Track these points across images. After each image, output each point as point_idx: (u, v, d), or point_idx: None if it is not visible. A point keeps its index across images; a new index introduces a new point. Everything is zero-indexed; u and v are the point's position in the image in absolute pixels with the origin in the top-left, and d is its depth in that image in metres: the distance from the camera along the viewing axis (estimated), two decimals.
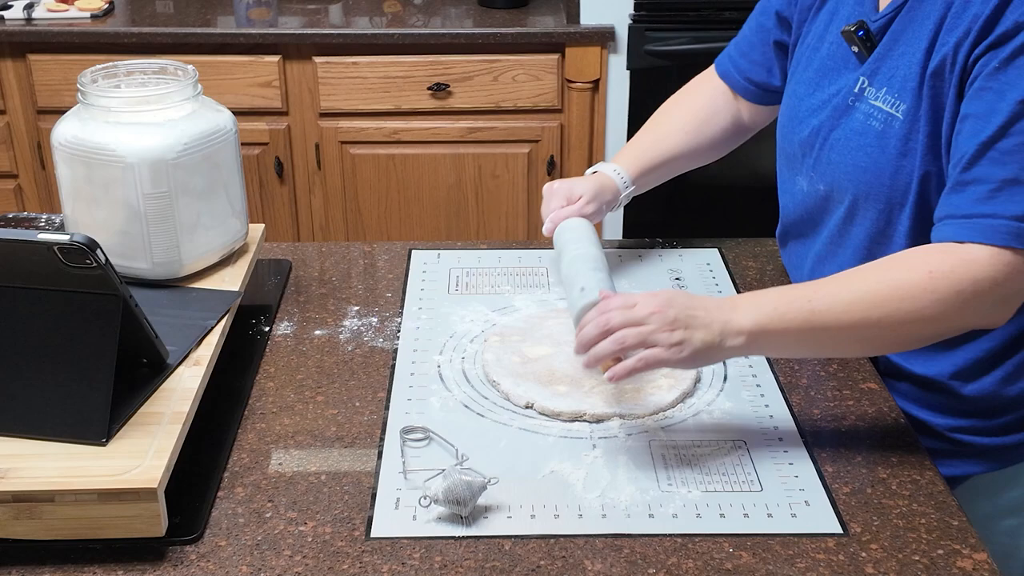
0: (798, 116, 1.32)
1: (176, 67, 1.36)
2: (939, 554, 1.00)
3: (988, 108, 1.07)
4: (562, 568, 0.99)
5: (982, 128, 1.07)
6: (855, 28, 1.22)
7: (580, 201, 1.43)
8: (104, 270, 0.99)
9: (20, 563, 0.99)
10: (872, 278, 1.10)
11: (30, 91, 2.76)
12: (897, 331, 1.09)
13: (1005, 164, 1.06)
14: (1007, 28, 1.06)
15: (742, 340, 1.09)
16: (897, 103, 1.18)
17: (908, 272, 1.08)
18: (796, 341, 1.11)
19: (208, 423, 1.15)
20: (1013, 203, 1.05)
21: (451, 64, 2.73)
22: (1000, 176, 1.06)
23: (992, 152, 1.06)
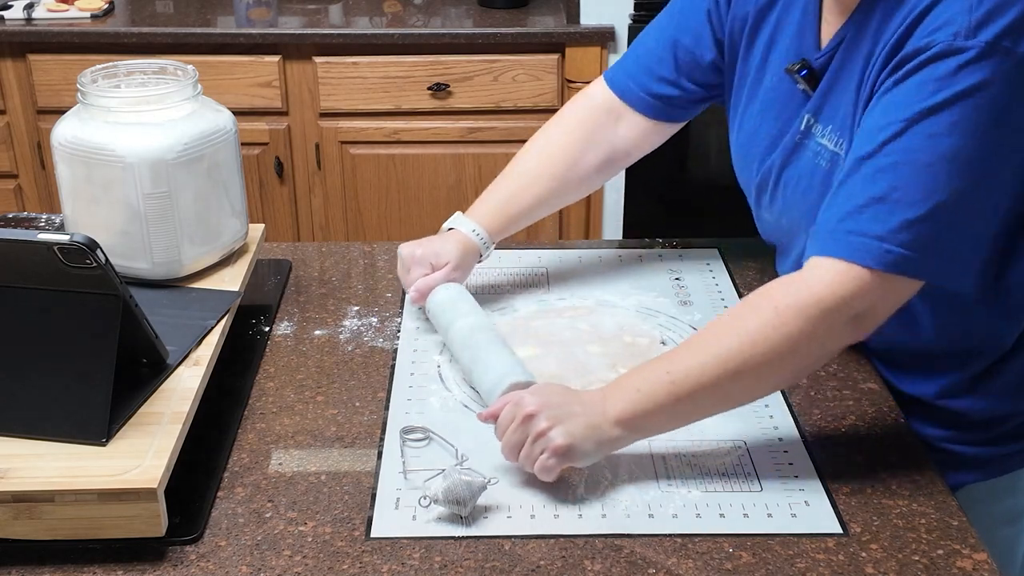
0: (751, 154, 1.30)
1: (176, 67, 1.36)
2: (939, 554, 1.00)
3: (872, 125, 1.06)
4: (562, 568, 0.99)
5: (862, 144, 1.05)
6: (798, 67, 1.20)
7: (447, 267, 1.35)
8: (104, 270, 0.99)
9: (20, 563, 0.99)
10: (722, 331, 1.08)
11: (30, 91, 2.76)
12: (761, 375, 1.06)
13: (875, 181, 1.03)
14: (907, 52, 1.04)
15: (619, 430, 1.07)
16: (840, 140, 1.16)
17: (754, 314, 1.06)
18: (670, 416, 1.09)
19: (208, 423, 1.15)
20: (876, 222, 1.02)
21: (451, 64, 2.73)
22: (869, 193, 1.03)
23: (866, 168, 1.04)
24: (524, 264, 1.54)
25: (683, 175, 2.85)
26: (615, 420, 1.07)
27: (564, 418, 1.07)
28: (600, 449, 1.08)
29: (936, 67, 1.01)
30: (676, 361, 1.08)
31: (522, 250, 1.59)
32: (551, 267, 1.53)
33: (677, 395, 1.06)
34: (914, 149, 1.02)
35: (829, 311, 1.03)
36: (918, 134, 1.02)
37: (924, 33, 1.03)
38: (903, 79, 1.04)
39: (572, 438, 1.06)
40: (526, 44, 2.73)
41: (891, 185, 1.02)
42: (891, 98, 1.05)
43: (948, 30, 1.01)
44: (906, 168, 1.02)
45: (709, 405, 1.10)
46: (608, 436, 1.07)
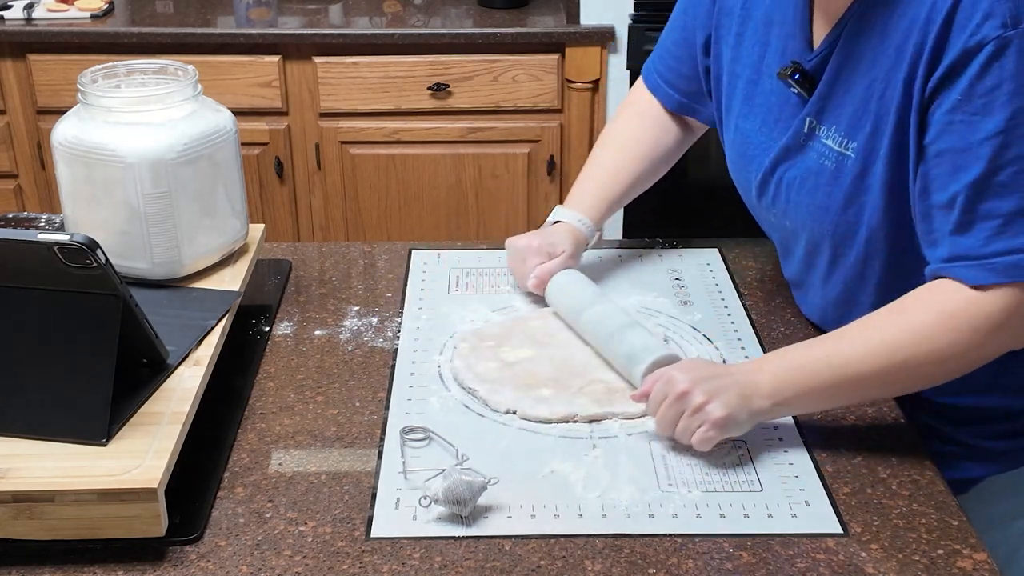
0: (747, 155, 1.30)
1: (176, 67, 1.36)
2: (939, 554, 1.00)
3: (964, 143, 1.05)
4: (562, 568, 0.99)
5: (967, 165, 1.05)
6: (790, 71, 1.20)
7: (563, 256, 1.39)
8: (104, 270, 0.99)
9: (20, 563, 0.99)
10: (888, 324, 1.10)
11: (30, 91, 2.76)
12: (920, 372, 1.10)
13: (1005, 197, 1.04)
14: (955, 56, 1.03)
15: (769, 403, 1.11)
16: (846, 141, 1.16)
17: (923, 314, 1.08)
18: (820, 397, 1.12)
19: (208, 423, 1.15)
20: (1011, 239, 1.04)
21: (451, 64, 2.73)
22: (1004, 210, 1.04)
23: (992, 188, 1.04)
24: None
25: (683, 175, 2.85)
26: (768, 394, 1.10)
27: (719, 391, 1.10)
28: (752, 419, 1.11)
29: (1001, 66, 1.01)
30: (837, 346, 1.11)
31: None
32: None
33: (835, 380, 1.10)
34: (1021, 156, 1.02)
35: (1000, 327, 1.06)
36: (1021, 137, 1.02)
37: (965, 32, 1.02)
38: (971, 87, 1.03)
39: (729, 409, 1.09)
40: (526, 44, 2.73)
41: (1022, 195, 1.03)
42: (970, 110, 1.04)
43: (994, 23, 1.00)
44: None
45: (862, 392, 1.14)
46: (759, 407, 1.11)
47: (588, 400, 1.20)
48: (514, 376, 1.25)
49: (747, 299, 1.44)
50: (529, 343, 1.31)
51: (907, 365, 1.08)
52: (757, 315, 1.41)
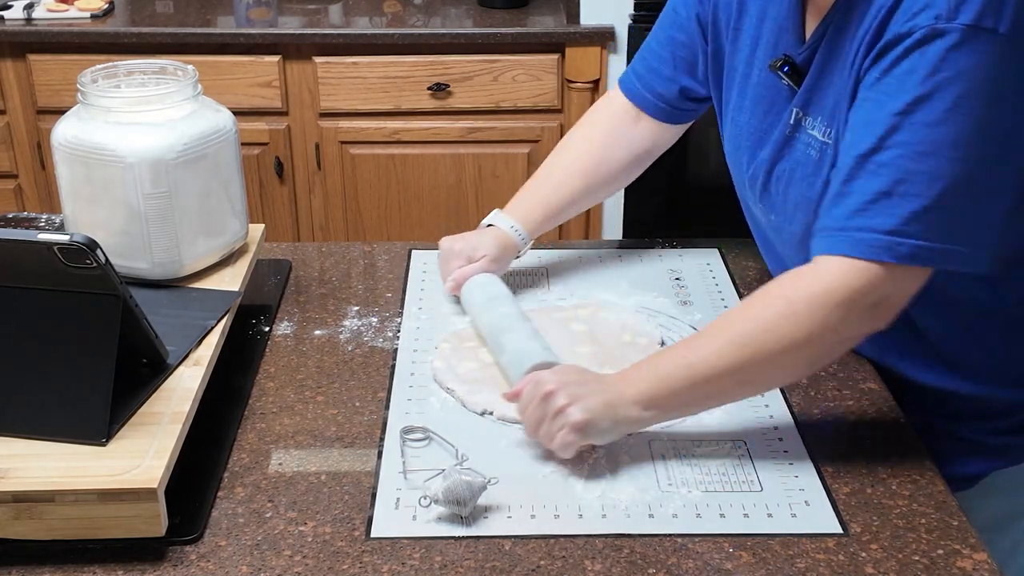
0: (741, 148, 1.30)
1: (176, 67, 1.36)
2: (939, 554, 1.00)
3: (866, 119, 1.06)
4: (562, 568, 0.99)
5: (860, 140, 1.06)
6: (780, 63, 1.20)
7: (483, 260, 1.40)
8: (104, 270, 0.99)
9: (20, 563, 0.99)
10: (736, 318, 1.11)
11: (30, 91, 2.76)
12: (775, 362, 1.08)
13: (879, 176, 1.04)
14: (889, 39, 1.04)
15: (637, 411, 1.10)
16: (828, 130, 1.16)
17: (765, 303, 1.09)
18: (689, 400, 1.11)
19: (208, 423, 1.15)
20: (884, 216, 1.03)
21: (451, 64, 2.73)
22: (874, 188, 1.04)
23: (869, 164, 1.04)
24: (524, 264, 1.54)
25: (683, 175, 2.85)
26: (633, 400, 1.09)
27: (583, 395, 1.09)
28: (617, 427, 1.10)
29: (922, 53, 1.02)
30: (693, 346, 1.11)
31: None
32: (551, 267, 1.53)
33: (694, 378, 1.09)
34: (913, 141, 1.02)
35: (843, 303, 1.04)
36: (915, 124, 1.02)
37: (904, 18, 1.03)
38: (890, 68, 1.04)
39: (590, 414, 1.08)
40: (526, 44, 2.73)
41: (895, 179, 1.03)
42: (881, 88, 1.05)
43: (929, 13, 1.01)
44: (907, 160, 1.02)
45: (727, 389, 1.12)
46: (626, 415, 1.10)
47: None
48: (494, 376, 1.25)
49: None
50: None
51: (758, 358, 1.07)
52: None
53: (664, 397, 1.10)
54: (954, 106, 1.01)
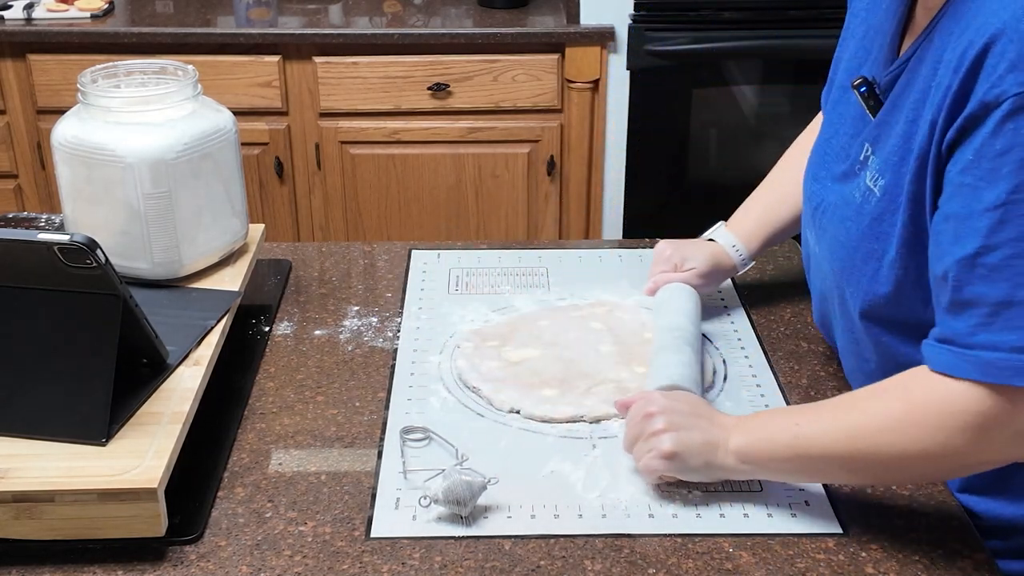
0: (815, 163, 1.21)
1: (176, 67, 1.36)
2: (939, 554, 1.00)
3: (967, 210, 0.92)
4: (562, 568, 0.99)
5: (963, 235, 0.92)
6: (859, 82, 1.07)
7: (690, 273, 1.36)
8: (104, 270, 0.99)
9: (20, 563, 0.99)
10: (858, 407, 1.00)
11: (30, 91, 2.76)
12: (886, 465, 0.98)
13: (995, 283, 0.90)
14: (974, 109, 0.90)
15: (733, 461, 1.04)
16: (877, 177, 1.04)
17: (893, 402, 0.98)
18: (785, 467, 1.04)
19: (208, 423, 1.15)
20: (1009, 331, 0.90)
21: (451, 64, 2.73)
22: (992, 298, 0.90)
23: (978, 269, 0.91)
24: (524, 264, 1.54)
25: (683, 175, 2.85)
26: (733, 450, 1.04)
27: (683, 426, 1.05)
28: (710, 471, 1.06)
29: (1018, 126, 0.87)
30: (807, 418, 1.03)
31: (522, 250, 1.59)
32: (551, 267, 1.53)
33: (798, 451, 1.01)
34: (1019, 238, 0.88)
35: (976, 429, 0.92)
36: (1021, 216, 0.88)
37: (989, 81, 0.89)
38: (982, 147, 0.90)
39: (682, 447, 1.04)
40: (526, 44, 2.73)
41: (1013, 283, 0.89)
42: (977, 174, 0.91)
43: (1017, 76, 0.87)
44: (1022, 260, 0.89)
45: (828, 472, 1.05)
46: (722, 463, 1.05)
47: (597, 400, 1.20)
48: (517, 376, 1.25)
49: (747, 299, 1.44)
50: (534, 342, 1.31)
51: (869, 455, 0.98)
52: (757, 315, 1.41)
53: (764, 459, 1.03)
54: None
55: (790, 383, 1.26)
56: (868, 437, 0.97)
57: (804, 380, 1.26)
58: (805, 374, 1.28)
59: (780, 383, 1.26)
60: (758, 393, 1.24)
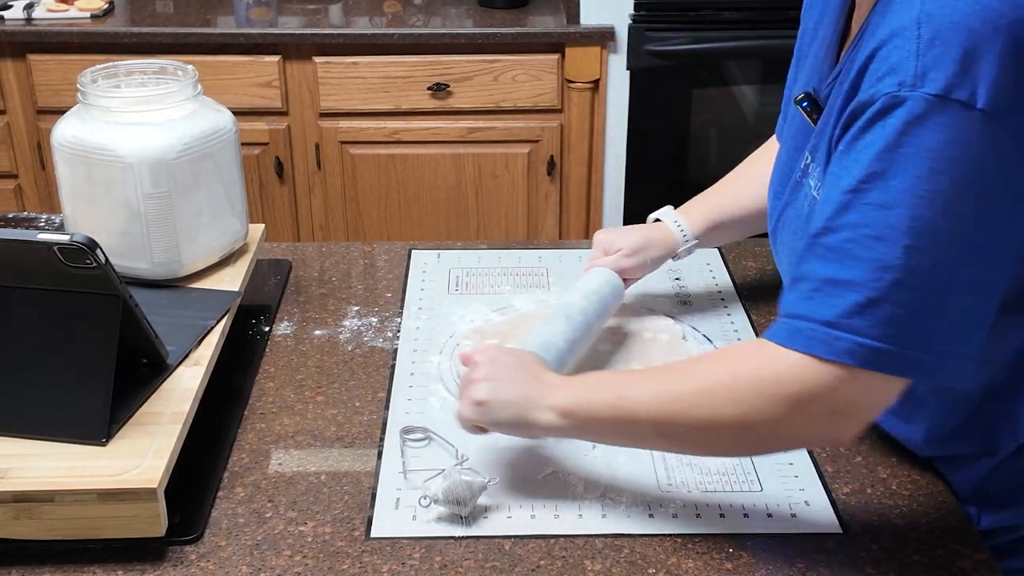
0: (773, 181, 1.20)
1: (176, 67, 1.36)
2: (939, 554, 1.00)
3: (825, 196, 0.94)
4: (562, 568, 0.99)
5: (816, 219, 0.94)
6: (801, 98, 1.08)
7: (617, 254, 1.33)
8: (104, 270, 0.99)
9: (20, 563, 0.99)
10: (685, 371, 1.02)
11: (30, 91, 2.76)
12: (703, 431, 0.97)
13: (827, 262, 0.91)
14: (855, 106, 0.92)
15: (551, 417, 1.03)
16: (818, 184, 1.03)
17: (715, 368, 0.99)
18: (605, 429, 1.03)
19: (208, 423, 1.15)
20: (826, 306, 0.90)
21: (451, 64, 2.73)
22: (820, 275, 0.91)
23: (818, 247, 0.92)
24: (524, 264, 1.54)
25: (683, 175, 2.85)
26: (551, 405, 1.03)
27: (502, 378, 1.05)
28: (519, 425, 1.05)
29: (883, 125, 0.88)
30: (632, 381, 1.05)
31: (522, 250, 1.59)
32: (551, 267, 1.53)
33: (617, 412, 1.01)
34: (862, 223, 0.89)
35: (792, 400, 0.92)
36: (867, 204, 0.89)
37: (871, 82, 0.90)
38: (853, 140, 0.91)
39: (492, 397, 1.04)
40: (526, 44, 2.73)
41: (841, 264, 0.90)
42: (841, 162, 0.93)
43: (892, 79, 0.88)
44: (855, 245, 0.89)
45: (647, 436, 1.03)
46: (536, 419, 1.03)
47: None
48: None
49: (747, 299, 1.44)
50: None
51: (685, 420, 0.97)
52: (757, 315, 1.41)
53: (584, 417, 1.03)
54: (913, 187, 0.86)
55: None
56: (686, 400, 0.98)
57: None
58: None
59: None
60: None
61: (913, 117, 0.86)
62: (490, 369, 1.06)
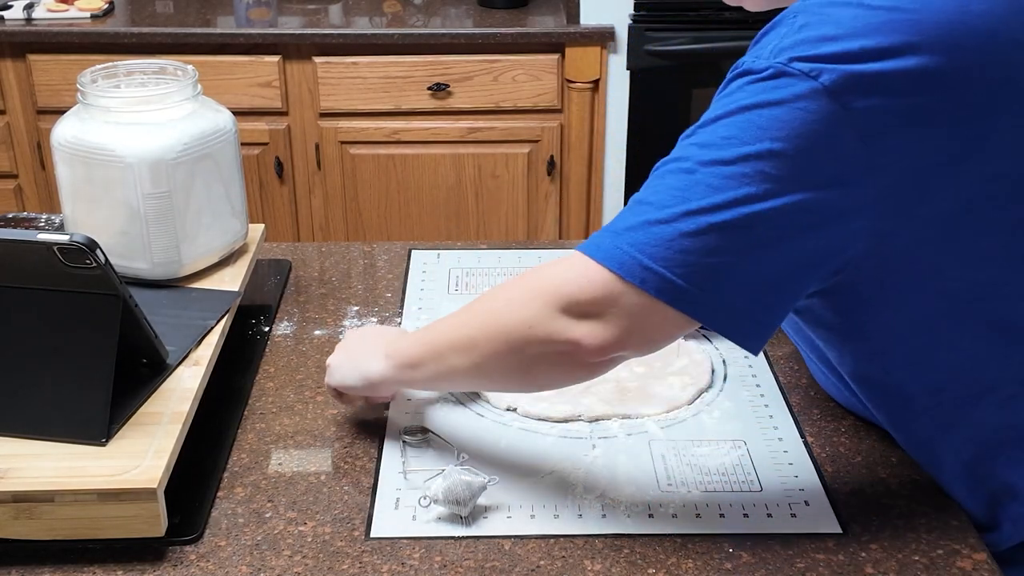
0: None
1: (176, 67, 1.36)
2: (939, 554, 1.00)
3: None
4: (562, 568, 0.99)
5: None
6: None
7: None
8: (104, 270, 0.99)
9: (20, 563, 0.99)
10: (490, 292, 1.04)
11: (30, 91, 2.76)
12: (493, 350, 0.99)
13: (646, 186, 0.95)
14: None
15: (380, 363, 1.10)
16: None
17: (516, 280, 1.01)
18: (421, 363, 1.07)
19: (208, 423, 1.15)
20: (621, 218, 0.94)
21: (451, 64, 2.73)
22: (636, 195, 0.95)
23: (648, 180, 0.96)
24: (524, 264, 1.54)
25: None
26: (384, 353, 1.10)
27: (352, 346, 1.16)
28: (360, 379, 1.12)
29: (724, 89, 0.94)
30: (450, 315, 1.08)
31: (522, 250, 1.59)
32: None
33: (427, 344, 1.07)
34: (681, 157, 0.93)
35: (549, 291, 0.95)
36: (689, 144, 0.93)
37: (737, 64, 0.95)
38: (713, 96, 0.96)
39: (335, 360, 1.15)
40: (526, 44, 2.73)
41: (650, 188, 0.94)
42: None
43: (750, 56, 0.93)
44: (668, 175, 0.93)
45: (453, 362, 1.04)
46: (369, 367, 1.11)
47: (595, 399, 1.20)
48: None
49: None
50: None
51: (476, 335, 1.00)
52: None
53: (403, 356, 1.08)
54: (735, 135, 0.90)
55: (790, 383, 1.26)
56: (479, 312, 1.02)
57: (804, 380, 1.26)
58: (805, 374, 1.28)
59: (780, 383, 1.26)
60: (758, 393, 1.24)
61: (756, 78, 0.90)
62: (347, 340, 1.17)
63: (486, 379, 1.08)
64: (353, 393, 1.15)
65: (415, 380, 1.11)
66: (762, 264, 0.91)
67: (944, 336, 0.99)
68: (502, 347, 0.99)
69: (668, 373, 1.25)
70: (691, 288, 0.90)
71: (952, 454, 1.05)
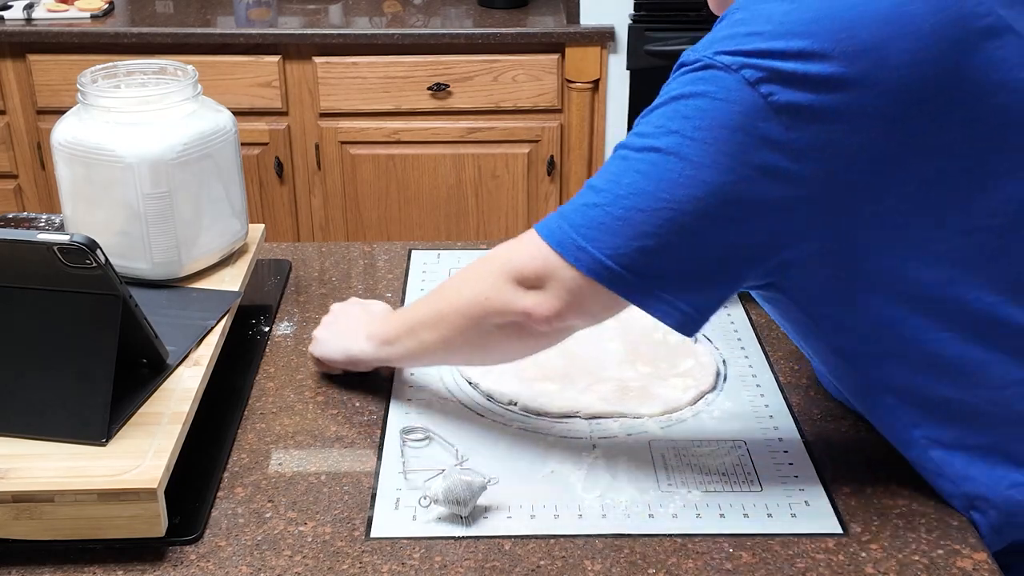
0: None
1: (176, 67, 1.36)
2: (939, 554, 1.00)
3: None
4: (562, 568, 0.99)
5: None
6: None
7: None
8: (104, 270, 0.99)
9: (20, 563, 0.99)
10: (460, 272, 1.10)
11: (30, 91, 2.76)
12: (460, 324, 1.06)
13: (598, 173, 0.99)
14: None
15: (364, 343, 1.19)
16: None
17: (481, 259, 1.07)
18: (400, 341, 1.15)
19: (208, 423, 1.15)
20: (572, 201, 0.99)
21: (451, 64, 2.73)
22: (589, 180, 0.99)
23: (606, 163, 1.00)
24: None
25: None
26: (367, 335, 1.18)
27: (339, 320, 1.24)
28: (346, 354, 1.21)
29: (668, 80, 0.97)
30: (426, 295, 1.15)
31: None
32: None
33: (404, 323, 1.14)
34: (623, 145, 0.97)
35: (499, 261, 1.02)
36: (633, 131, 0.98)
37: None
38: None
39: (321, 334, 1.24)
40: (526, 44, 2.73)
41: (599, 172, 0.99)
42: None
43: (701, 45, 0.95)
44: (612, 161, 0.98)
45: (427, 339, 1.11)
46: (352, 345, 1.20)
47: (595, 398, 1.20)
48: (517, 368, 1.25)
49: (747, 299, 1.44)
50: None
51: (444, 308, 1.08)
52: (757, 315, 1.41)
53: (382, 335, 1.16)
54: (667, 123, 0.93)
55: (790, 383, 1.26)
56: (447, 291, 1.09)
57: (804, 380, 1.27)
58: (805, 374, 1.28)
59: (780, 383, 1.26)
60: (758, 393, 1.24)
61: (692, 69, 0.93)
62: (334, 315, 1.25)
63: (454, 352, 1.13)
64: (335, 365, 1.24)
65: (392, 356, 1.18)
66: (690, 251, 0.94)
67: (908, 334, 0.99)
68: (464, 320, 1.06)
69: (672, 374, 1.25)
70: (621, 270, 0.95)
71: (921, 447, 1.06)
